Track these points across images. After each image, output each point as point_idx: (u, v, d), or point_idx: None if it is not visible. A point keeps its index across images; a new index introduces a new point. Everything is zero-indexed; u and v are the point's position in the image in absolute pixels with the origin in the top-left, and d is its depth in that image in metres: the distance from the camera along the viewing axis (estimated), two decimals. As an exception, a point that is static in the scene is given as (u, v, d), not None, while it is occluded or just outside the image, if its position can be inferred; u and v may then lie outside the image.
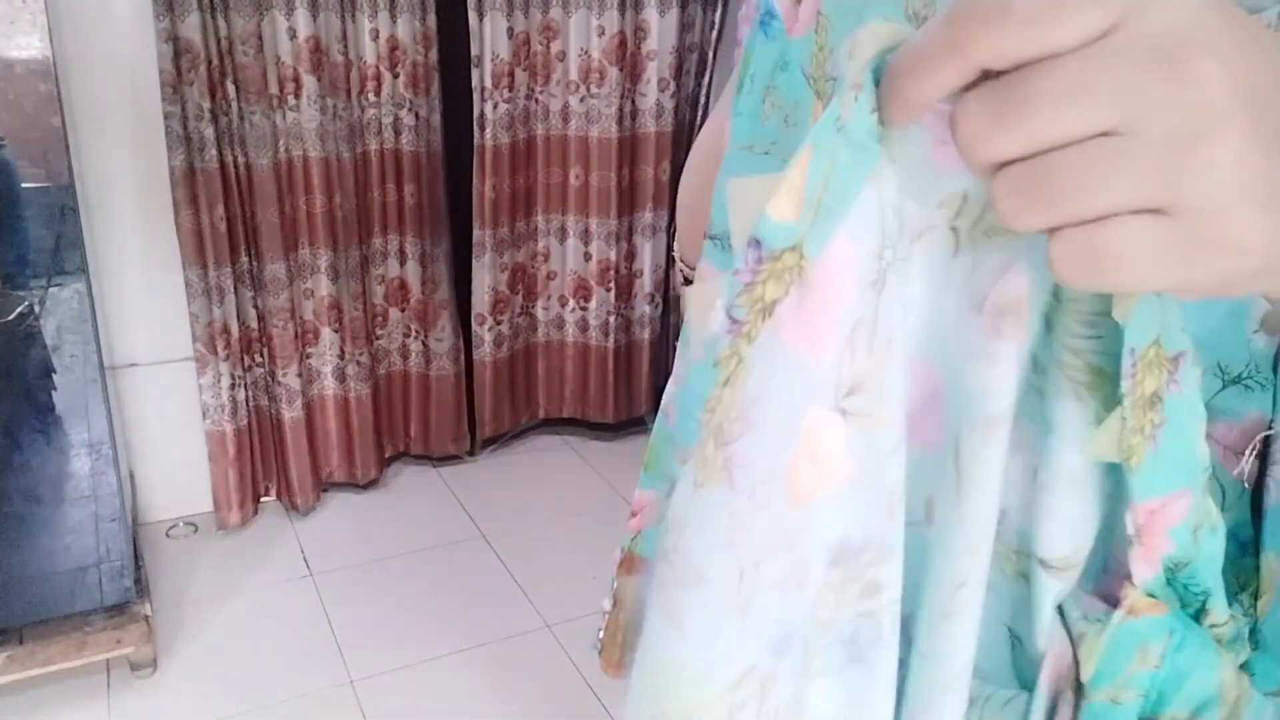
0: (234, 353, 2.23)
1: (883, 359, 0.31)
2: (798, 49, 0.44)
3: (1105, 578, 0.34)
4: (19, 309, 1.63)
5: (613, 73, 2.50)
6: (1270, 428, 0.35)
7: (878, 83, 0.27)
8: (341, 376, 2.42)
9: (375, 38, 2.24)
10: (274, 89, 2.14)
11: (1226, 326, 0.36)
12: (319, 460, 2.46)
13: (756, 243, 0.28)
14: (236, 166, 2.14)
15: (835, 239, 0.28)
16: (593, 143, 2.56)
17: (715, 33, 2.61)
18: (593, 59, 2.49)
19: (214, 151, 2.07)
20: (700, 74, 2.65)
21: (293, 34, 2.10)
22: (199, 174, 2.07)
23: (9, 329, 1.63)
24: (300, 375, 2.35)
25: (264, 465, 2.40)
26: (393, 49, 2.27)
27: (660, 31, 2.52)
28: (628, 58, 2.52)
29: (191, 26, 1.97)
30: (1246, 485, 0.36)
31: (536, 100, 2.51)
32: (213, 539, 2.33)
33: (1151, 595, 0.32)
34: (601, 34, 2.47)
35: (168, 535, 2.34)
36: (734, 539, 0.31)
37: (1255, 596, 0.37)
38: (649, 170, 2.66)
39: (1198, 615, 0.33)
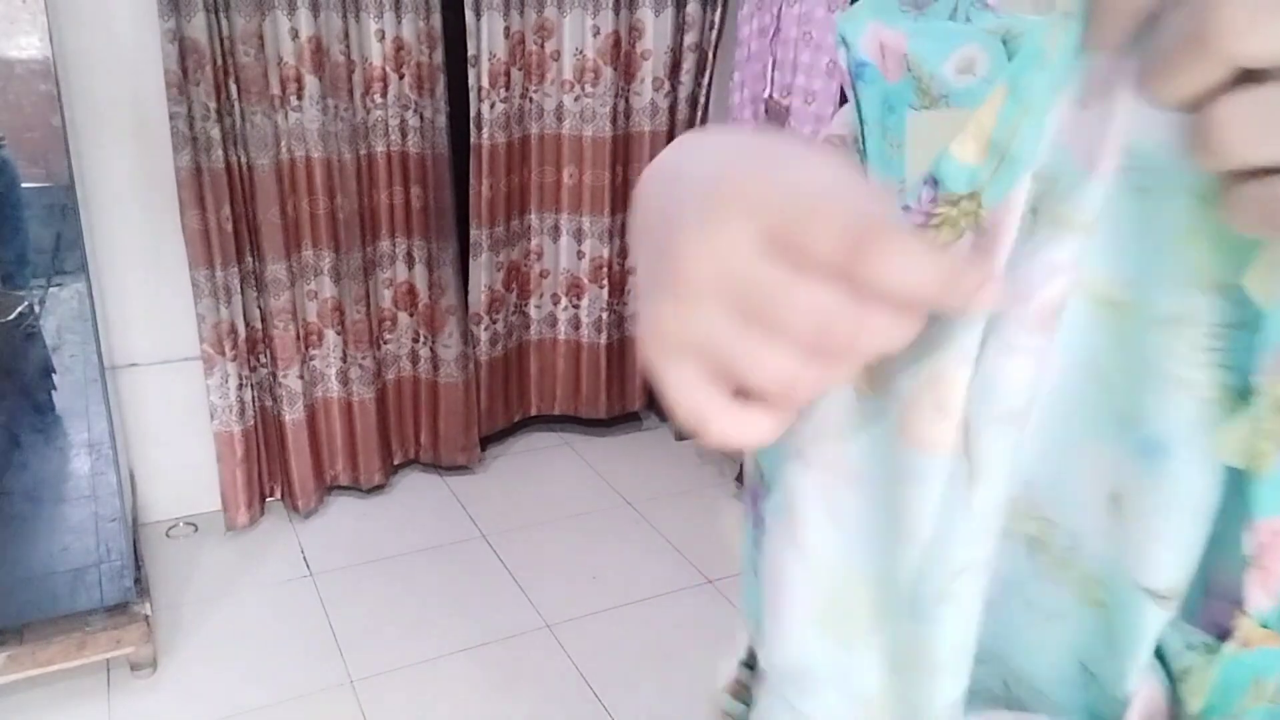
0: (240, 353, 2.23)
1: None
2: (899, 92, 0.47)
3: (1209, 603, 0.31)
4: (19, 309, 1.63)
5: (607, 72, 2.50)
6: None
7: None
8: (345, 380, 2.42)
9: (381, 38, 2.23)
10: (275, 89, 2.14)
11: None
12: (322, 463, 2.46)
13: (934, 182, 0.27)
14: (240, 167, 2.14)
15: (1016, 188, 0.27)
16: (587, 142, 2.56)
17: (715, 33, 2.61)
18: (587, 58, 2.48)
19: (220, 151, 2.07)
20: (700, 74, 2.65)
21: (294, 34, 2.10)
22: (205, 174, 2.07)
23: (9, 329, 1.63)
24: (302, 377, 2.35)
25: (268, 466, 2.40)
26: (398, 49, 2.27)
27: (655, 31, 2.52)
28: (622, 57, 2.52)
29: (197, 27, 1.97)
30: None
31: (531, 99, 2.51)
32: (213, 539, 2.33)
33: (1266, 626, 0.30)
34: (596, 33, 2.47)
35: (168, 535, 2.34)
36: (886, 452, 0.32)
37: None
38: (642, 169, 2.65)
39: None
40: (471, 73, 2.38)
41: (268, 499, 2.43)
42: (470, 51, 2.36)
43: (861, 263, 0.24)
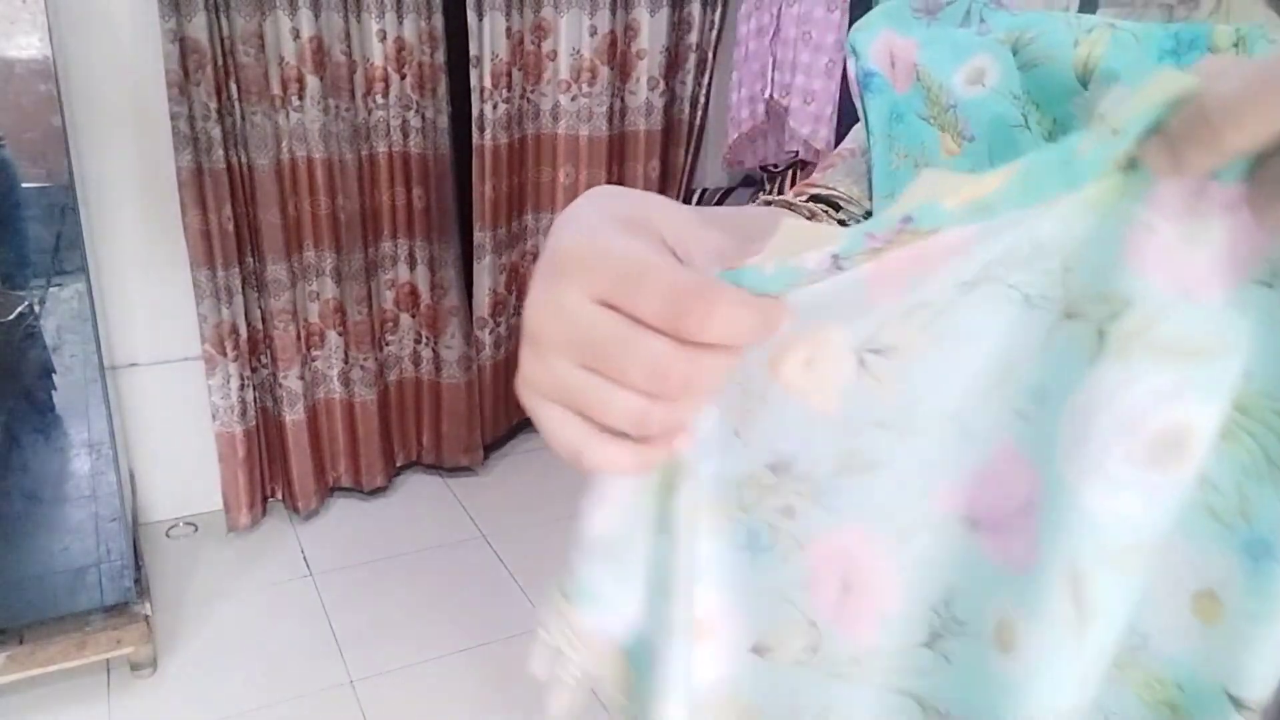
0: (242, 354, 2.23)
1: (923, 346, 0.30)
2: (907, 101, 0.47)
3: None
4: (19, 309, 1.63)
5: (604, 72, 2.50)
6: None
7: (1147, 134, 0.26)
8: (346, 381, 2.42)
9: (383, 39, 2.23)
10: (276, 89, 2.14)
11: None
12: (323, 464, 2.46)
13: (908, 219, 0.28)
14: (241, 167, 2.14)
15: (969, 225, 0.28)
16: (583, 141, 2.56)
17: (715, 33, 2.61)
18: (584, 58, 2.48)
19: (221, 152, 2.07)
20: (700, 74, 2.65)
21: (296, 34, 2.10)
22: (206, 174, 2.07)
23: (9, 329, 1.63)
24: (303, 378, 2.35)
25: (269, 468, 2.40)
26: (400, 50, 2.27)
27: (650, 31, 2.52)
28: (618, 57, 2.52)
29: (198, 27, 1.97)
30: None
31: (528, 100, 2.51)
32: (213, 539, 2.33)
33: None
34: (594, 33, 2.47)
35: (168, 535, 2.34)
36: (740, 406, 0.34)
37: None
38: (638, 168, 2.66)
39: None
40: (474, 73, 2.38)
41: (269, 500, 2.43)
42: (473, 52, 2.36)
43: (683, 325, 0.28)
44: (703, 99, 2.68)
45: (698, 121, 2.71)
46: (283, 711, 1.80)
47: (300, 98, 2.15)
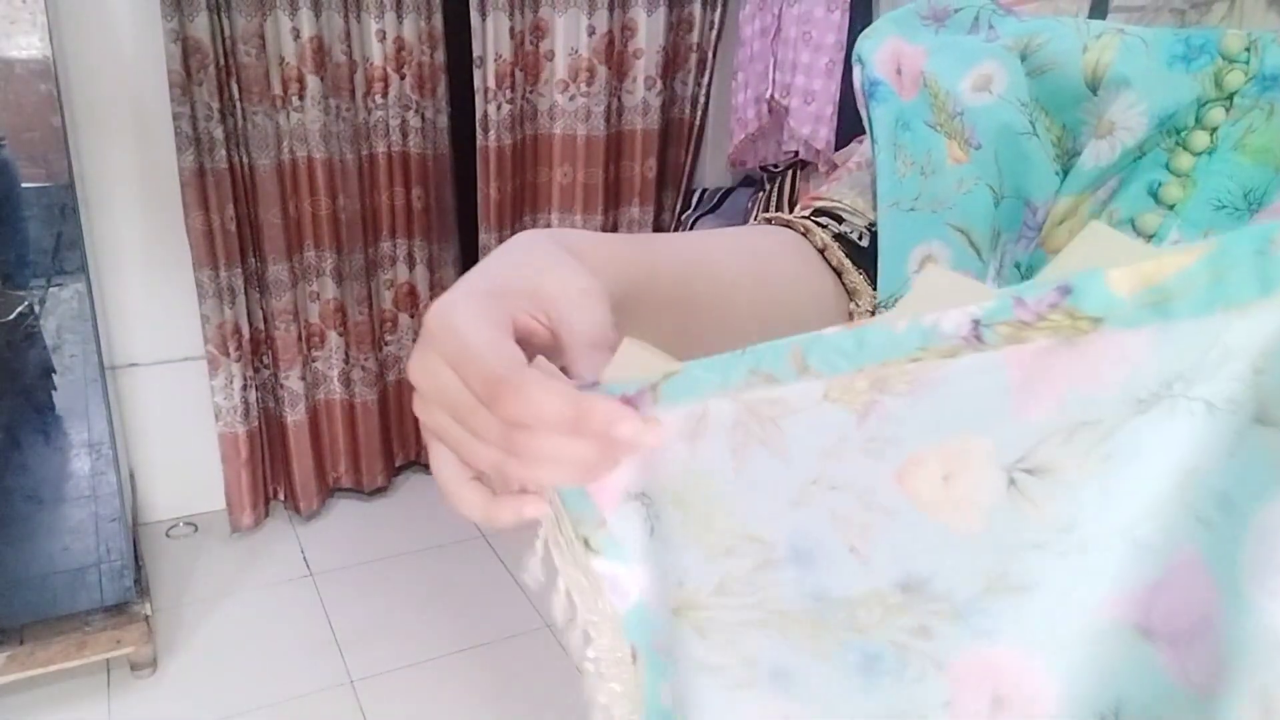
0: (245, 354, 2.23)
1: (1090, 469, 0.27)
2: (913, 109, 0.47)
3: None
4: (19, 309, 1.63)
5: (601, 71, 2.50)
6: None
7: None
8: (347, 381, 2.42)
9: (382, 39, 2.23)
10: (277, 89, 2.13)
11: None
12: (324, 465, 2.46)
13: (1066, 290, 0.25)
14: (242, 167, 2.14)
15: (1142, 328, 0.25)
16: (580, 141, 2.56)
17: (715, 33, 2.61)
18: (582, 58, 2.48)
19: (223, 152, 2.07)
20: (700, 74, 2.65)
21: (296, 34, 2.10)
22: (209, 174, 2.07)
23: (9, 329, 1.63)
24: (304, 379, 2.35)
25: (270, 468, 2.40)
26: (399, 50, 2.27)
27: (647, 30, 2.52)
28: (615, 56, 2.52)
29: (200, 27, 1.97)
30: None
31: (527, 100, 2.51)
32: (213, 539, 2.33)
33: None
34: (592, 33, 2.46)
35: (168, 535, 2.34)
36: (847, 474, 0.32)
37: None
38: (635, 167, 2.66)
39: None
40: (477, 74, 2.37)
41: (270, 501, 2.43)
42: (476, 52, 2.35)
43: (495, 407, 0.31)
44: (702, 99, 2.68)
45: (697, 121, 2.70)
46: (283, 711, 1.80)
47: (301, 98, 2.15)
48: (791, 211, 0.56)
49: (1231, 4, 0.42)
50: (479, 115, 2.41)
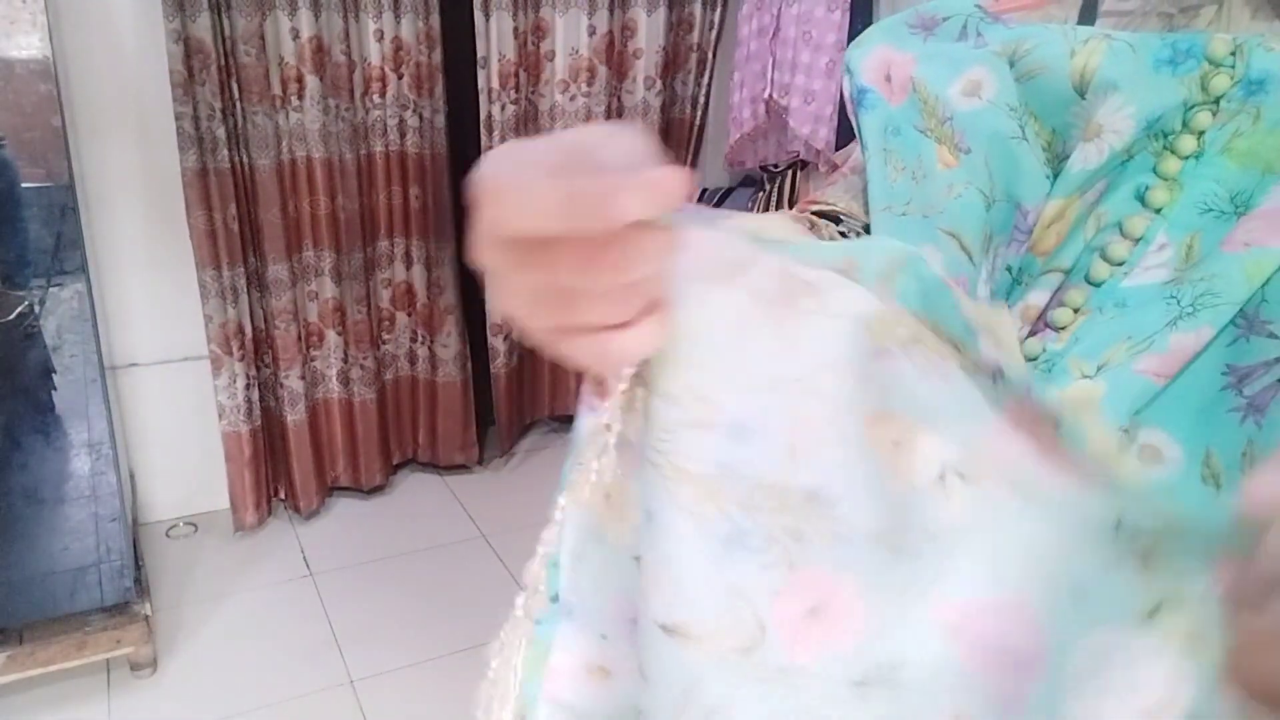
0: (248, 354, 2.23)
1: (998, 502, 0.32)
2: (903, 114, 0.47)
3: None
4: (19, 309, 1.63)
5: (602, 72, 2.50)
6: None
7: None
8: (345, 380, 2.42)
9: (380, 38, 2.23)
10: (277, 89, 2.14)
11: None
12: (323, 464, 2.46)
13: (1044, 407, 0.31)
14: (243, 167, 2.14)
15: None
16: (583, 140, 2.56)
17: (715, 33, 2.61)
18: (583, 58, 2.48)
19: (225, 152, 2.07)
20: (700, 74, 2.65)
21: (295, 34, 2.10)
22: (211, 174, 2.07)
23: (9, 329, 1.63)
24: (303, 378, 2.35)
25: (272, 467, 2.40)
26: (397, 50, 2.27)
27: (647, 30, 2.52)
28: (615, 56, 2.52)
29: (202, 27, 1.97)
30: None
31: (529, 100, 2.51)
32: (213, 539, 2.33)
33: None
34: (593, 33, 2.46)
35: (168, 535, 2.34)
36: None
37: None
38: (639, 168, 2.66)
39: None
40: (481, 74, 2.37)
41: (271, 500, 2.43)
42: (480, 53, 2.35)
43: (490, 225, 0.29)
44: (702, 99, 2.68)
45: (697, 121, 2.71)
46: (283, 711, 1.80)
47: (300, 98, 2.15)
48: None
49: (1219, 9, 0.42)
50: (483, 116, 2.41)
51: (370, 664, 1.93)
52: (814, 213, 0.54)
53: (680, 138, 2.72)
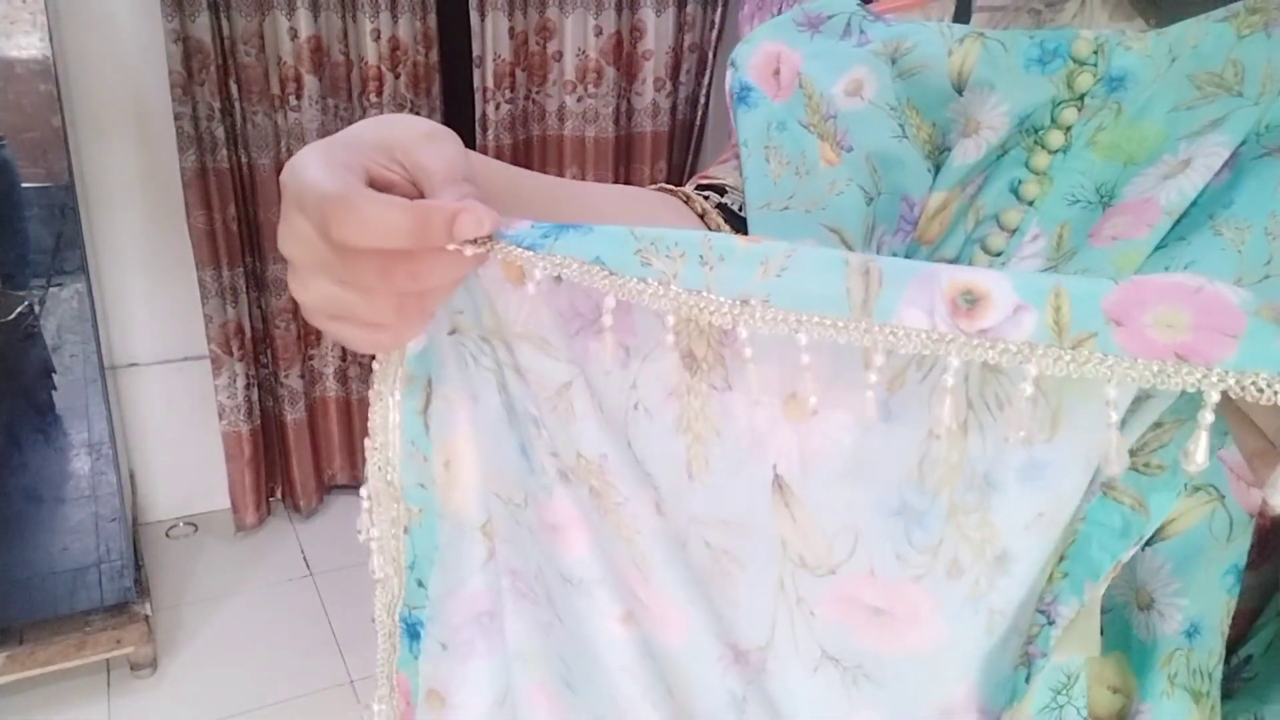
0: (248, 353, 2.23)
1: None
2: (788, 109, 0.49)
3: None
4: (19, 309, 1.63)
5: (610, 72, 2.50)
6: None
7: None
8: (343, 379, 2.42)
9: (376, 38, 2.23)
10: (276, 89, 2.13)
11: None
12: (321, 463, 2.46)
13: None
14: (242, 167, 2.14)
15: None
16: (589, 143, 2.56)
17: (715, 33, 2.60)
18: (589, 59, 2.48)
19: (225, 152, 2.07)
20: (700, 74, 2.65)
21: (294, 34, 2.10)
22: (211, 174, 2.07)
23: (9, 329, 1.63)
24: (303, 377, 2.35)
25: (270, 466, 2.40)
26: (394, 49, 2.27)
27: (657, 31, 2.51)
28: (624, 57, 2.52)
29: (201, 27, 1.96)
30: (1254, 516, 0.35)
31: (533, 101, 2.51)
32: (213, 539, 2.33)
33: None
34: (599, 34, 2.46)
35: (168, 535, 2.34)
36: None
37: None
38: (645, 170, 2.66)
39: None
40: (476, 74, 2.37)
41: (271, 499, 2.43)
42: (475, 52, 2.35)
43: (331, 231, 0.30)
44: (703, 99, 2.68)
45: (698, 121, 2.70)
46: (283, 711, 1.80)
47: (298, 97, 2.15)
48: None
49: (1081, 4, 0.45)
50: (478, 115, 2.41)
51: (370, 664, 1.92)
52: (699, 185, 0.56)
53: (681, 138, 2.72)
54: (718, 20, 2.59)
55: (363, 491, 0.43)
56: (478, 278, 0.37)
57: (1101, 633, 0.33)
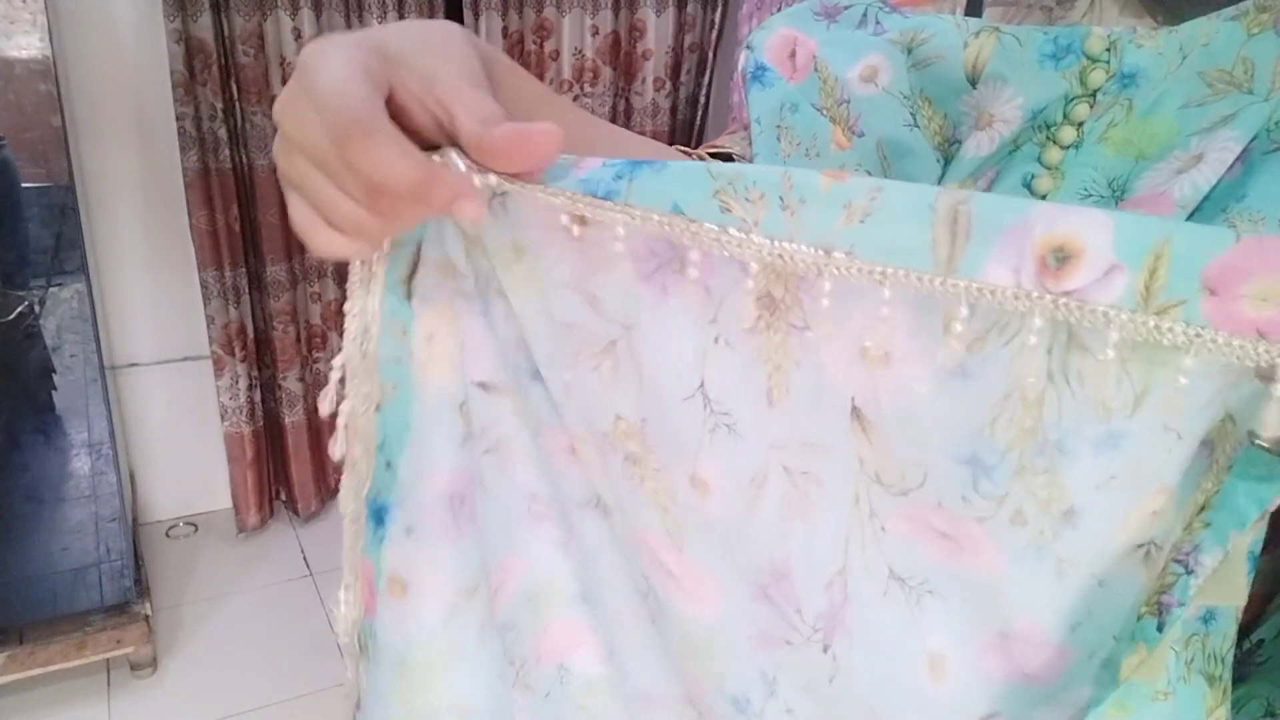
0: (250, 354, 2.23)
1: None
2: (802, 91, 0.50)
3: None
4: (19, 309, 1.63)
5: (606, 72, 2.50)
6: None
7: None
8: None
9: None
10: (278, 89, 2.13)
11: None
12: (324, 465, 2.46)
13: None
14: (244, 167, 2.14)
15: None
16: (587, 142, 2.56)
17: (715, 32, 2.60)
18: (586, 58, 2.48)
19: (227, 152, 2.07)
20: (700, 74, 2.65)
21: (297, 34, 2.10)
22: (213, 175, 2.06)
23: (9, 329, 1.63)
24: (303, 379, 2.35)
25: (272, 468, 2.40)
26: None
27: (656, 31, 2.51)
28: (621, 57, 2.52)
29: (203, 27, 1.96)
30: None
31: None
32: (213, 539, 2.32)
33: None
34: (596, 33, 2.46)
35: (168, 535, 2.34)
36: None
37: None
38: (647, 169, 2.66)
39: None
40: (472, 73, 2.37)
41: (273, 501, 2.43)
42: (470, 51, 2.35)
43: (345, 151, 0.31)
44: (703, 99, 2.68)
45: (698, 121, 2.70)
46: (283, 711, 1.80)
47: (300, 98, 2.15)
48: None
49: (1091, 3, 0.45)
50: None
51: (370, 664, 1.92)
52: (710, 153, 0.56)
53: (681, 138, 2.72)
54: (718, 20, 2.59)
55: (335, 362, 0.41)
56: (522, 226, 0.36)
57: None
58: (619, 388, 0.37)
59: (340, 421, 0.42)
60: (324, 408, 0.42)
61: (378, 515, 0.45)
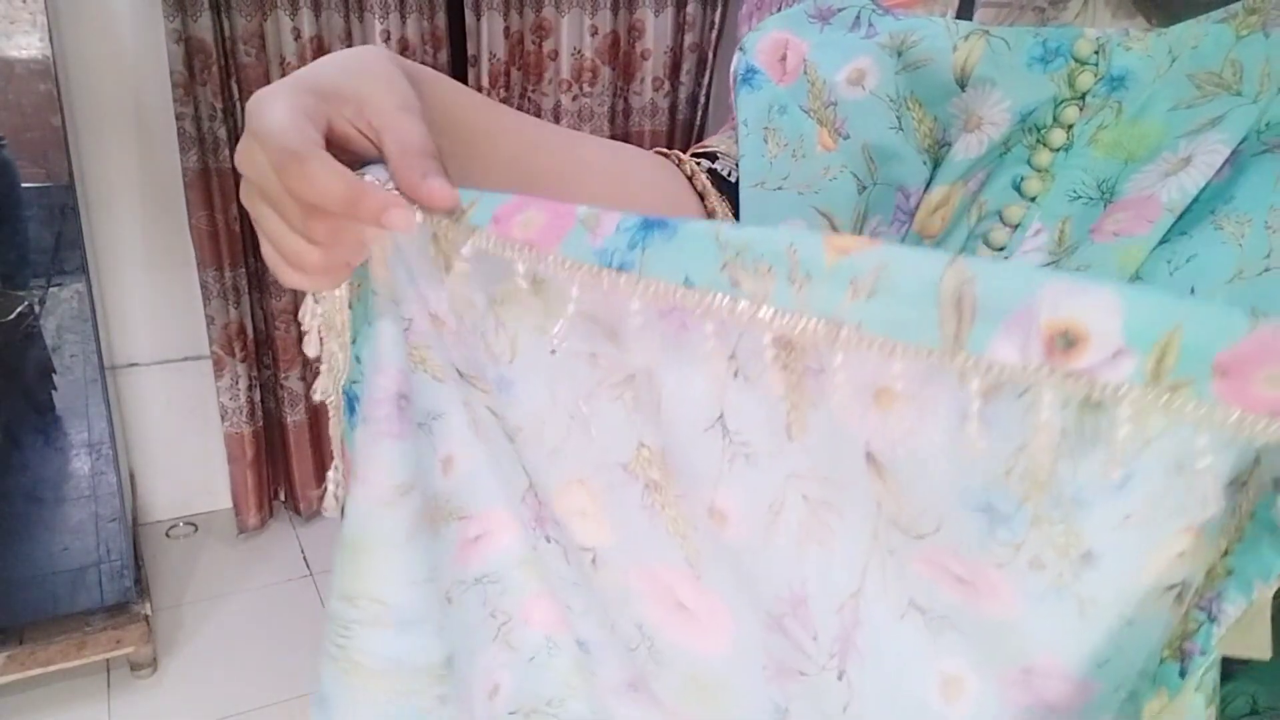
0: (250, 355, 2.23)
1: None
2: (791, 93, 0.50)
3: None
4: (19, 309, 1.63)
5: (605, 72, 2.50)
6: None
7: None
8: (343, 379, 2.42)
9: (387, 39, 2.23)
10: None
11: None
12: (323, 466, 2.45)
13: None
14: (241, 167, 2.14)
15: None
16: (586, 142, 2.56)
17: (715, 33, 2.60)
18: (585, 58, 2.48)
19: (227, 152, 2.07)
20: (700, 74, 2.65)
21: (297, 34, 2.10)
22: (213, 175, 2.06)
23: (9, 329, 1.63)
24: (303, 379, 2.35)
25: (272, 468, 2.40)
26: (403, 50, 2.26)
27: (655, 31, 2.51)
28: (621, 57, 2.52)
29: (203, 27, 1.96)
30: None
31: (529, 99, 2.50)
32: (213, 539, 2.33)
33: None
34: (595, 33, 2.46)
35: (168, 535, 2.34)
36: None
37: None
38: (645, 169, 2.66)
39: None
40: (471, 73, 2.37)
41: (273, 501, 2.43)
42: (470, 52, 2.36)
43: (283, 178, 0.34)
44: (702, 99, 2.68)
45: (698, 121, 2.70)
46: (283, 711, 1.80)
47: (300, 98, 2.15)
48: None
49: (1083, 4, 0.46)
50: (475, 115, 2.41)
51: (370, 664, 1.92)
52: (694, 154, 0.57)
53: (682, 137, 2.72)
54: (717, 20, 2.59)
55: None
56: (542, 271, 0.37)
57: None
58: (642, 416, 0.37)
59: (314, 324, 0.45)
60: (305, 320, 0.45)
61: (350, 405, 0.47)
